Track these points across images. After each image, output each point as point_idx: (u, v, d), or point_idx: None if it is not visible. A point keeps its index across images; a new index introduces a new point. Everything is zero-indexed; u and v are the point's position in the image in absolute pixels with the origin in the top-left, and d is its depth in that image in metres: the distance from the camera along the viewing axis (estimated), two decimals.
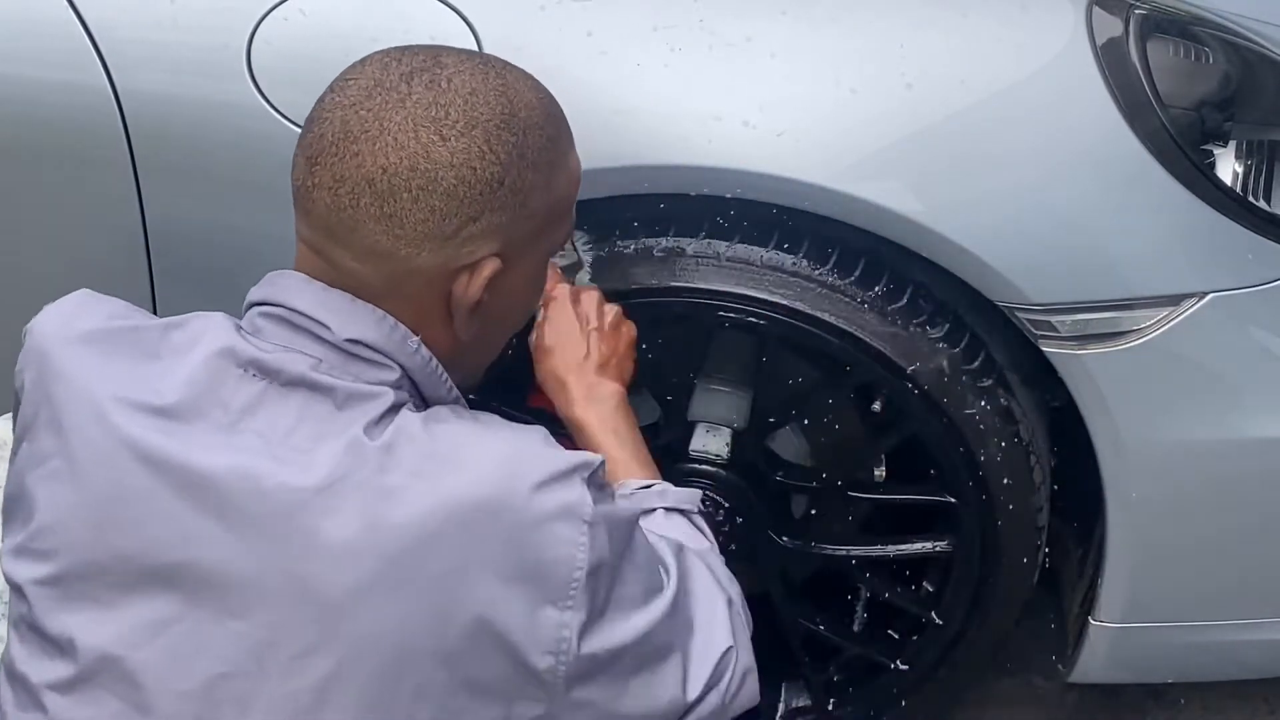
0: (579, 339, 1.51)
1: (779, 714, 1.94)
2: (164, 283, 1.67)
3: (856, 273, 1.62)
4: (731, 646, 1.33)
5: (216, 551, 1.15)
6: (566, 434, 1.77)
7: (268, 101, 1.56)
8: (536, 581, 1.15)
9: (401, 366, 1.23)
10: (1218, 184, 1.59)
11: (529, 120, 1.22)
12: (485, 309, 1.25)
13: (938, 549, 1.79)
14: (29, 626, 1.21)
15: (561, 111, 1.28)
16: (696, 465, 1.74)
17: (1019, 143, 1.56)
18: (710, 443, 1.75)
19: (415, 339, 1.23)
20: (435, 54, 1.23)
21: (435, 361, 1.25)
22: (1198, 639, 1.81)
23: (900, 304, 1.62)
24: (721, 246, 1.61)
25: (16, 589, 1.21)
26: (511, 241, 1.23)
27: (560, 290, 1.54)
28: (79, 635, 1.17)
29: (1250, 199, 1.61)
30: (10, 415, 1.51)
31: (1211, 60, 1.62)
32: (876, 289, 1.62)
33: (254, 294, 1.25)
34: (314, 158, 1.20)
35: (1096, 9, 1.60)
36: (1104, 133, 1.56)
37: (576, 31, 1.54)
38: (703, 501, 1.50)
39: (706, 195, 1.57)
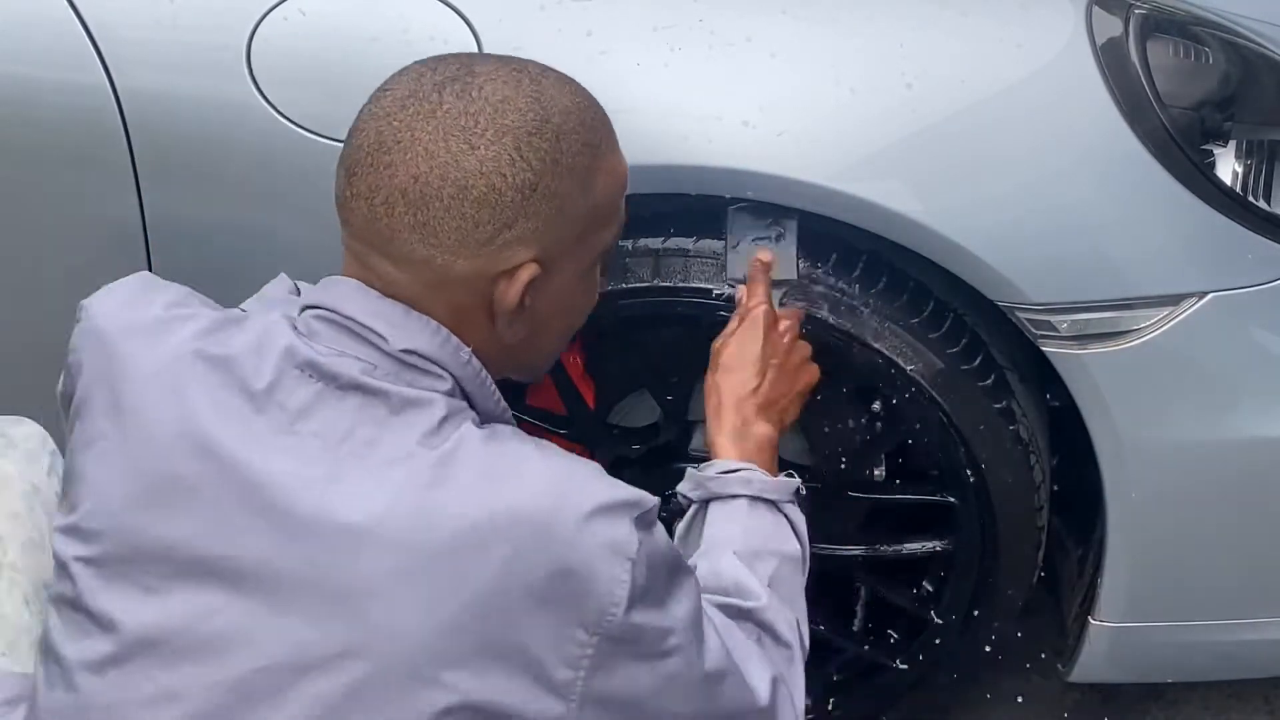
0: (756, 369, 1.51)
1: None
2: None
3: (856, 272, 1.62)
4: None
5: (262, 548, 1.16)
6: (560, 436, 1.77)
7: (268, 101, 1.56)
8: (571, 605, 1.16)
9: (454, 376, 1.24)
10: (1218, 184, 1.59)
11: (563, 126, 1.22)
12: (530, 313, 1.25)
13: (938, 549, 1.79)
14: (70, 604, 1.22)
15: (602, 115, 1.28)
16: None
17: (1019, 143, 1.56)
18: None
19: (467, 351, 1.24)
20: (469, 63, 1.24)
21: (485, 373, 1.26)
22: (1198, 639, 1.81)
23: (900, 303, 1.62)
24: (721, 246, 1.61)
25: (62, 566, 1.23)
26: (550, 246, 1.23)
27: (761, 310, 1.53)
28: (121, 617, 1.18)
29: (1250, 199, 1.61)
30: (15, 418, 1.51)
31: (1211, 60, 1.62)
32: (876, 289, 1.62)
33: (309, 297, 1.27)
34: (351, 169, 1.23)
35: (1096, 9, 1.60)
36: (1104, 133, 1.56)
37: (576, 31, 1.54)
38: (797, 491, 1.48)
39: (706, 195, 1.57)
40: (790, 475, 1.47)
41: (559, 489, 1.17)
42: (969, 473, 1.69)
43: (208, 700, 1.17)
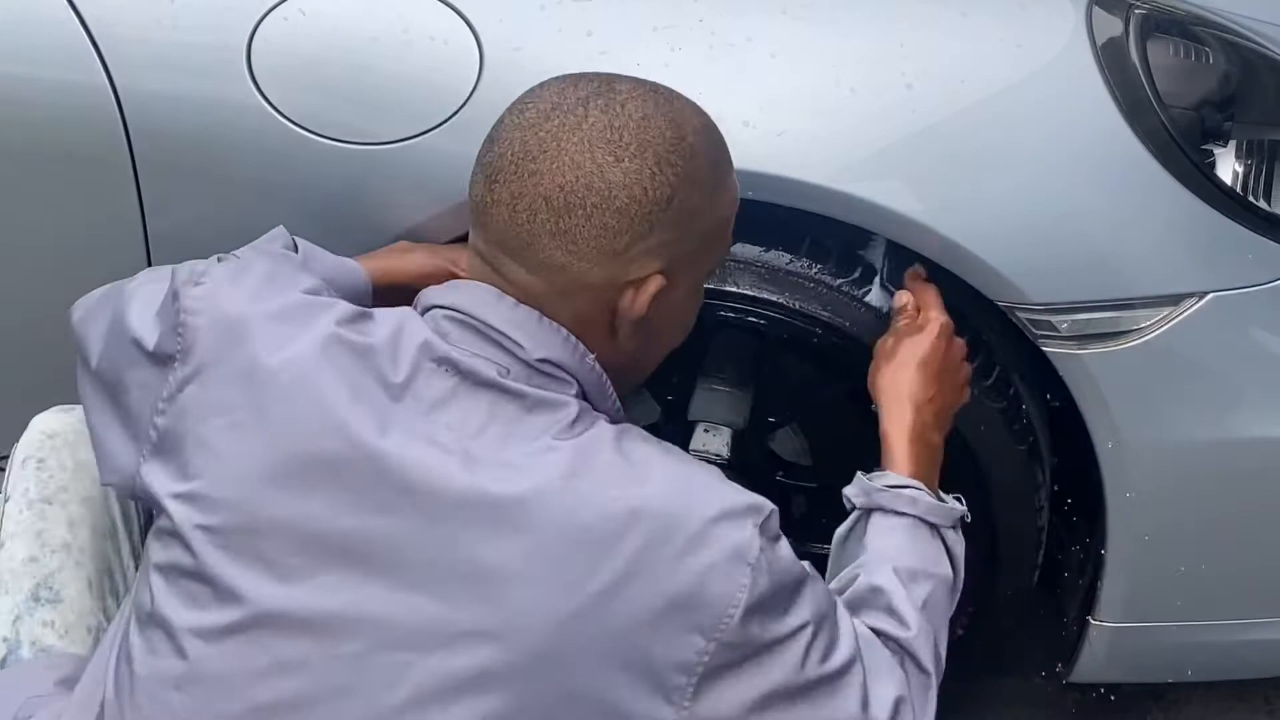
0: (933, 375, 1.50)
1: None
2: None
3: (856, 273, 1.62)
4: None
5: (398, 526, 1.19)
6: None
7: (268, 101, 1.56)
8: (691, 608, 1.18)
9: (579, 381, 1.28)
10: (1218, 184, 1.59)
11: (696, 145, 1.28)
12: (646, 324, 1.29)
13: None
14: (183, 572, 1.23)
15: (722, 137, 1.34)
16: None
17: (1019, 142, 1.56)
18: (710, 443, 1.74)
19: (591, 356, 1.28)
20: (609, 81, 1.29)
21: (605, 377, 1.30)
22: (1198, 639, 1.81)
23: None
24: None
25: (174, 533, 1.23)
26: (675, 260, 1.28)
27: (942, 319, 1.53)
28: (244, 588, 1.20)
29: (1250, 199, 1.61)
30: (60, 408, 1.52)
31: (1211, 60, 1.62)
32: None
33: (436, 297, 1.29)
34: (493, 175, 1.26)
35: (1096, 9, 1.60)
36: (1104, 132, 1.56)
37: (576, 31, 1.54)
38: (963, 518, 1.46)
39: None
40: (959, 500, 1.47)
41: (688, 490, 1.21)
42: (969, 473, 1.69)
43: (326, 673, 1.19)
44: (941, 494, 1.46)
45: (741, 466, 1.75)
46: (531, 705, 1.18)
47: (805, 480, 1.82)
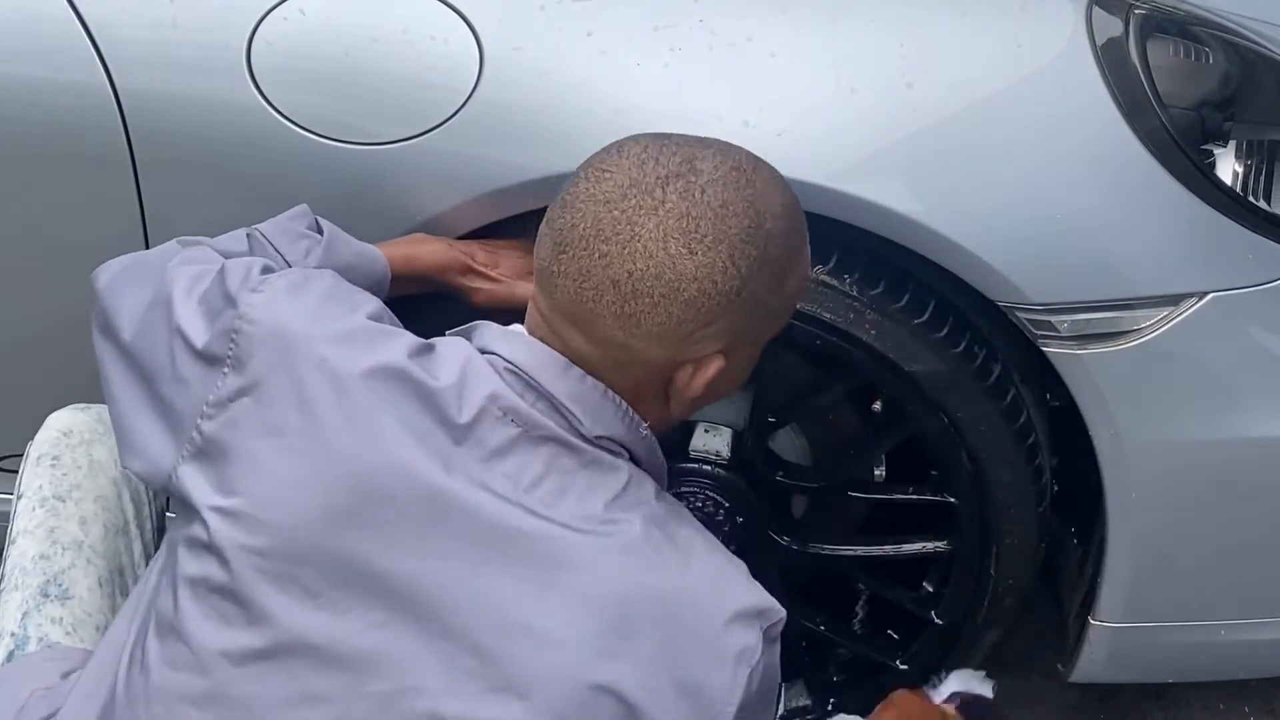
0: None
1: (778, 714, 1.94)
2: None
3: (857, 273, 1.62)
4: None
5: (445, 573, 1.19)
6: None
7: (268, 101, 1.56)
8: (695, 695, 1.19)
9: (630, 451, 1.29)
10: (1218, 184, 1.59)
11: (773, 230, 1.26)
12: (700, 395, 1.30)
13: (937, 549, 1.79)
14: (214, 588, 1.21)
15: (802, 215, 1.32)
16: (697, 465, 1.75)
17: (1019, 142, 1.56)
18: (710, 442, 1.75)
19: (645, 426, 1.29)
20: (691, 157, 1.25)
21: (655, 441, 1.31)
22: (1198, 639, 1.81)
23: (901, 304, 1.62)
24: None
25: (210, 548, 1.22)
26: (736, 339, 1.28)
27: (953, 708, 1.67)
28: (278, 614, 1.19)
29: (1250, 199, 1.61)
30: (76, 406, 1.52)
31: (1211, 60, 1.62)
32: (877, 289, 1.62)
33: (498, 344, 1.28)
34: (562, 245, 1.24)
35: (1096, 9, 1.60)
36: (1104, 132, 1.56)
37: (576, 31, 1.54)
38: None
39: None
40: None
41: (719, 585, 1.23)
42: (969, 472, 1.69)
43: (350, 708, 1.18)
44: None
45: (741, 466, 1.75)
46: None
47: (805, 480, 1.82)
